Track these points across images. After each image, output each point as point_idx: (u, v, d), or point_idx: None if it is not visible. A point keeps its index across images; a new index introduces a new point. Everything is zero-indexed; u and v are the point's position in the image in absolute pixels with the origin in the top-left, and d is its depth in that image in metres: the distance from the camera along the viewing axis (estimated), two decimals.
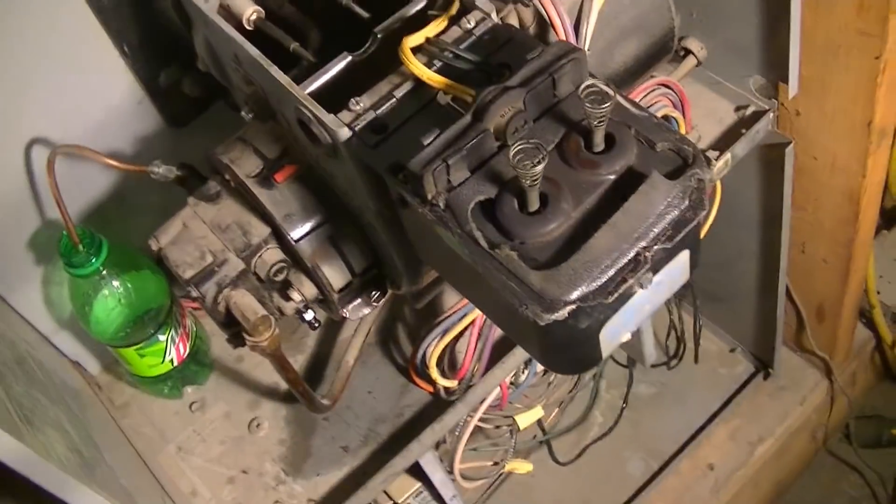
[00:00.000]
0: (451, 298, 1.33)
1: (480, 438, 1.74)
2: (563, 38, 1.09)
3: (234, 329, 1.11)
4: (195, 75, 1.29)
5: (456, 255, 0.86)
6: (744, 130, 1.43)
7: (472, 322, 1.26)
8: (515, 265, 0.80)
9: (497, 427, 1.67)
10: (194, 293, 1.07)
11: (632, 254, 0.80)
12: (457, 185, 0.84)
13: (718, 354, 2.18)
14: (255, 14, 1.06)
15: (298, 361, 1.43)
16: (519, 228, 0.81)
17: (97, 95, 1.27)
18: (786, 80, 1.40)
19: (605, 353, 0.89)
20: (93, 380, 1.51)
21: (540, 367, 1.58)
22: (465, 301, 1.27)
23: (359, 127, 0.91)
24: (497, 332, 1.27)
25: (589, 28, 1.11)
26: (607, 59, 1.25)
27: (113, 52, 1.24)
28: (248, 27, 1.05)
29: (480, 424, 1.56)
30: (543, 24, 1.12)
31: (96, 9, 1.19)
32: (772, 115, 1.45)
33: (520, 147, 0.78)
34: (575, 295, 0.78)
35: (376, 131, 0.90)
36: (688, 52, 1.45)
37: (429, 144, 0.84)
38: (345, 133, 0.90)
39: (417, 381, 1.33)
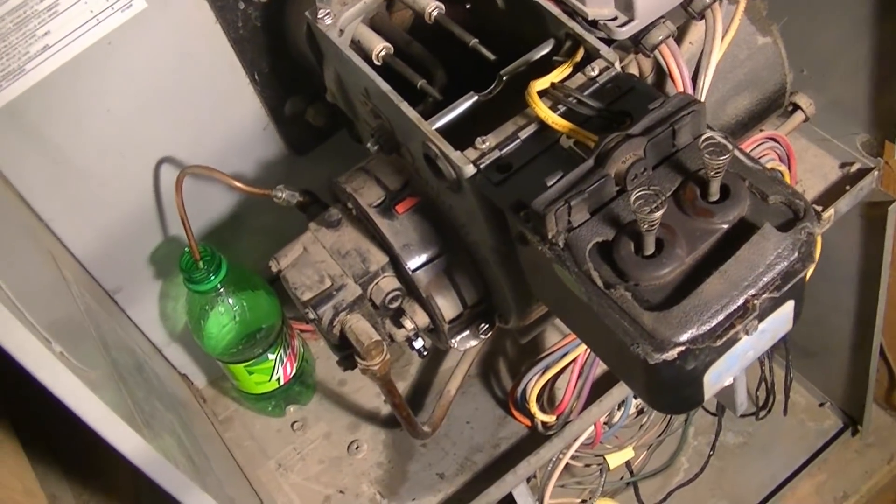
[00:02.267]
0: (553, 336, 1.37)
1: (567, 476, 1.77)
2: (682, 90, 1.12)
3: (347, 352, 1.15)
4: (319, 106, 1.34)
5: (569, 293, 0.89)
6: (848, 187, 1.46)
7: (574, 360, 1.29)
8: (629, 305, 0.83)
9: (587, 465, 1.70)
10: (311, 315, 1.11)
11: (741, 301, 0.83)
12: (577, 225, 0.88)
13: (807, 408, 2.18)
14: (384, 50, 1.10)
15: (401, 388, 1.47)
16: (634, 271, 0.85)
17: (225, 119, 1.32)
18: (892, 139, 1.42)
19: (707, 395, 0.91)
20: (199, 393, 1.56)
21: (634, 409, 1.60)
22: (567, 339, 1.32)
23: (484, 165, 0.94)
24: (596, 371, 1.31)
25: (706, 81, 1.15)
26: (720, 112, 1.28)
27: (244, 79, 1.30)
28: (376, 62, 1.10)
29: (571, 462, 1.59)
30: (661, 75, 1.16)
31: (232, 38, 1.24)
32: (876, 173, 1.47)
33: (640, 193, 0.82)
34: (685, 337, 0.81)
35: (500, 170, 0.94)
36: (797, 107, 1.48)
37: (552, 185, 0.88)
38: (470, 170, 0.94)
39: (516, 414, 1.37)
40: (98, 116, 1.21)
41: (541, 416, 1.32)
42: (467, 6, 1.19)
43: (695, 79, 1.16)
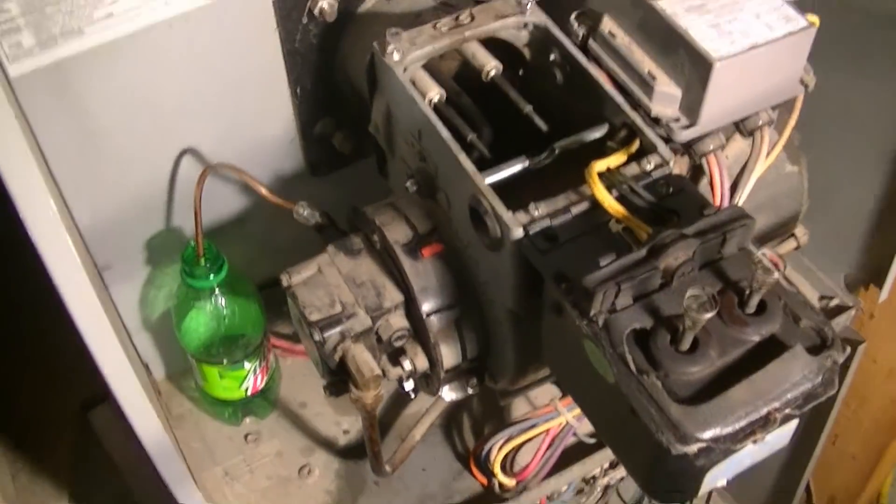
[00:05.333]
0: (521, 405, 1.40)
1: None
2: (719, 200, 1.16)
3: (338, 378, 1.16)
4: (347, 132, 1.37)
5: (589, 368, 0.92)
6: None
7: (547, 431, 1.32)
8: (659, 394, 0.86)
9: None
10: (316, 336, 1.11)
11: (764, 411, 0.86)
12: (619, 309, 0.91)
13: None
14: (438, 96, 1.12)
15: (358, 423, 1.48)
16: (668, 362, 0.88)
17: (257, 125, 1.35)
18: (878, 284, 1.47)
19: (701, 492, 0.94)
20: (155, 384, 1.56)
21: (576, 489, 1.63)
22: (542, 412, 1.35)
23: (532, 231, 0.97)
24: (564, 445, 1.34)
25: (744, 195, 1.18)
26: None
27: (285, 91, 1.32)
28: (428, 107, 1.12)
29: None
30: (695, 180, 1.19)
31: (287, 50, 1.27)
32: (853, 311, 1.52)
33: (694, 293, 0.85)
34: (708, 434, 0.84)
35: (548, 239, 0.97)
36: (791, 235, 1.52)
37: (605, 266, 0.90)
38: (518, 233, 0.97)
39: (474, 471, 1.40)
40: (138, 94, 1.22)
41: (502, 478, 1.34)
42: (520, 72, 1.22)
43: (733, 192, 1.20)
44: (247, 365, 1.40)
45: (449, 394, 1.22)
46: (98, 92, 1.19)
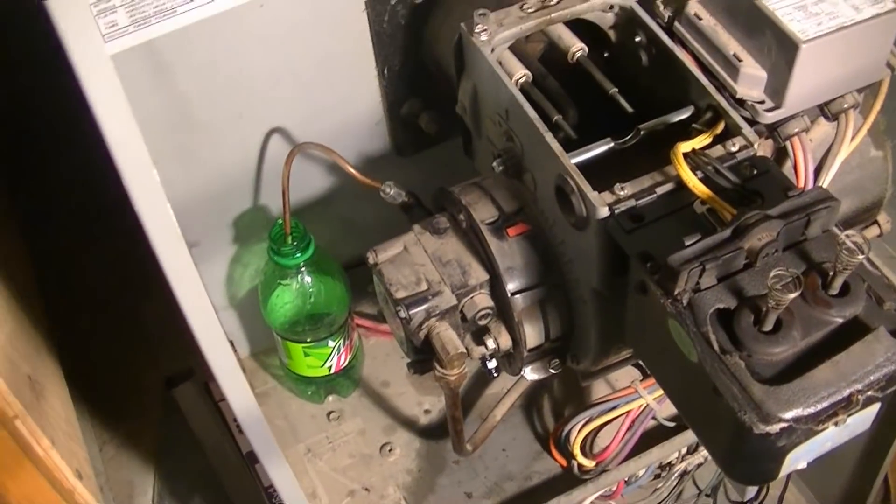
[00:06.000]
0: (601, 387, 1.41)
1: None
2: (803, 183, 1.16)
3: (423, 356, 1.18)
4: (434, 113, 1.38)
5: (673, 347, 0.93)
6: None
7: (627, 413, 1.33)
8: (742, 373, 0.87)
9: None
10: (402, 313, 1.13)
11: (847, 393, 0.86)
12: (703, 288, 0.91)
13: None
14: (524, 77, 1.13)
15: (440, 403, 1.50)
16: (751, 342, 0.88)
17: (344, 106, 1.37)
18: None
19: (781, 473, 0.95)
20: (240, 362, 1.58)
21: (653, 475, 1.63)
22: (621, 393, 1.36)
23: (618, 210, 0.98)
24: (643, 428, 1.35)
25: (828, 179, 1.18)
26: None
27: (373, 72, 1.34)
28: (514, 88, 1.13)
29: None
30: (779, 163, 1.19)
31: (375, 30, 1.28)
32: None
33: (779, 272, 0.85)
34: (790, 415, 0.85)
35: (633, 219, 0.98)
36: (874, 221, 1.51)
37: (689, 245, 0.91)
38: (604, 212, 0.98)
39: (554, 452, 1.41)
40: (230, 73, 1.25)
41: (581, 460, 1.35)
42: (605, 54, 1.23)
43: (816, 175, 1.19)
44: (331, 343, 1.42)
45: (531, 374, 1.23)
46: (190, 70, 1.22)
